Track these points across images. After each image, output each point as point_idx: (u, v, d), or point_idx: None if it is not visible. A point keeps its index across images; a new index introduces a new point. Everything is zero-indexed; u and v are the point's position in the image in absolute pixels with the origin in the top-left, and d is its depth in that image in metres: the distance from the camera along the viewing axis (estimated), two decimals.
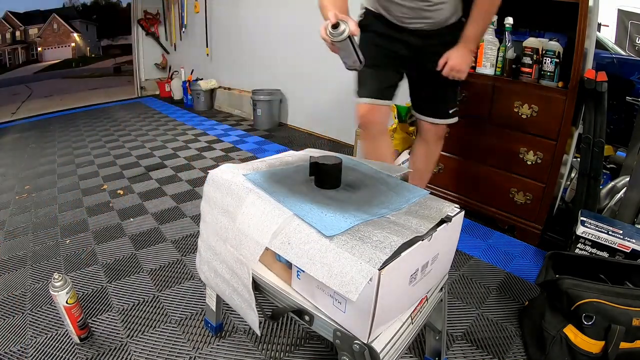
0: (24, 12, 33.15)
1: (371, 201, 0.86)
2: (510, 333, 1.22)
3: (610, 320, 0.98)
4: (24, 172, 2.86)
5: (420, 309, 0.85)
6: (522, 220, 1.77)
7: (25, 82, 15.14)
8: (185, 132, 3.77)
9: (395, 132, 2.50)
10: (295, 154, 1.15)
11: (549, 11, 1.66)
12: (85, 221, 2.00)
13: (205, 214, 1.00)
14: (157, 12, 5.59)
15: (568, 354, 1.03)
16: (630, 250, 1.29)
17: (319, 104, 3.43)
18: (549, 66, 1.58)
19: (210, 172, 0.99)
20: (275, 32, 3.70)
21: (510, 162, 1.74)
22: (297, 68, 3.56)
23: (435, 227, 0.78)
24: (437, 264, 0.83)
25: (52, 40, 33.35)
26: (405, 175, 1.05)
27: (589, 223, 1.39)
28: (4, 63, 29.36)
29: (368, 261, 0.65)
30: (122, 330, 1.24)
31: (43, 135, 3.95)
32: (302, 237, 0.74)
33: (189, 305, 1.36)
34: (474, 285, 1.46)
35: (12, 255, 1.72)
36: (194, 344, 1.19)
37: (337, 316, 0.74)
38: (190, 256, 1.65)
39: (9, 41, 31.36)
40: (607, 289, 1.01)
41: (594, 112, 1.54)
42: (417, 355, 1.15)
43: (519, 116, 1.66)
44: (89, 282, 1.49)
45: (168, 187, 2.41)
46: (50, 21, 33.39)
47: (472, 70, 1.82)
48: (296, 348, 1.17)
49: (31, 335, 1.23)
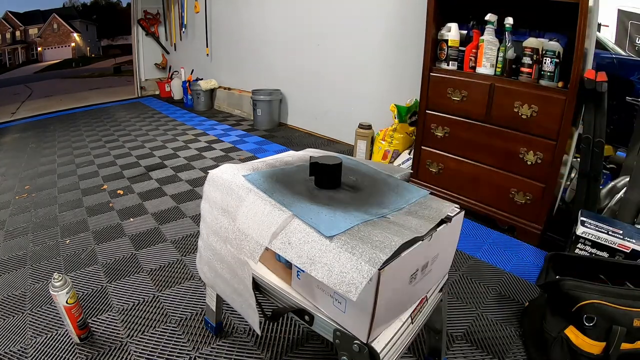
0: (24, 12, 33.16)
1: (371, 201, 0.85)
2: (510, 333, 1.22)
3: (611, 321, 0.98)
4: (24, 172, 2.86)
5: (420, 309, 0.85)
6: (522, 220, 1.77)
7: (25, 82, 15.13)
8: (185, 132, 3.77)
9: (395, 132, 2.50)
10: (295, 154, 1.15)
11: (549, 11, 1.65)
12: (85, 221, 2.00)
13: (206, 214, 1.00)
14: (157, 12, 5.59)
15: (569, 355, 1.03)
16: (630, 251, 1.29)
17: (319, 104, 3.44)
18: (549, 66, 1.58)
19: (210, 172, 0.99)
20: (275, 32, 3.70)
21: (510, 162, 1.74)
22: (297, 68, 3.56)
23: (435, 228, 0.78)
24: (437, 264, 0.83)
25: (52, 40, 33.34)
26: (405, 176, 1.05)
27: (589, 223, 1.39)
28: (4, 63, 29.36)
29: (368, 261, 0.65)
30: (122, 330, 1.24)
31: (43, 135, 3.95)
32: (302, 237, 0.74)
33: (189, 305, 1.36)
34: (474, 285, 1.46)
35: (12, 255, 1.71)
36: (194, 344, 1.18)
37: (337, 316, 0.74)
38: (190, 256, 1.65)
39: (9, 41, 31.36)
40: (608, 290, 1.01)
41: (594, 112, 1.54)
42: (417, 355, 1.15)
43: (519, 116, 1.66)
44: (89, 282, 1.49)
45: (168, 187, 2.41)
46: (50, 21, 33.38)
47: (472, 70, 1.82)
48: (296, 348, 1.17)
49: (31, 335, 1.23)
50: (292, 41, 3.54)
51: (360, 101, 3.03)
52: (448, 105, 1.91)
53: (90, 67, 23.88)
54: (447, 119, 1.94)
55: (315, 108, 3.50)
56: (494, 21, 1.71)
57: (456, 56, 1.90)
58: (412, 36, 2.39)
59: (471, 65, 1.83)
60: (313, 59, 3.36)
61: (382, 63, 2.79)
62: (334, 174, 0.91)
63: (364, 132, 2.65)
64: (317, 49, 3.28)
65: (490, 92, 1.74)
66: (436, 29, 1.92)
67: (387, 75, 2.79)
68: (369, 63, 2.87)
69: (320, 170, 0.90)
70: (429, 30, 1.92)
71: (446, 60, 1.91)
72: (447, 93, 1.89)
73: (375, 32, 2.77)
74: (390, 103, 2.56)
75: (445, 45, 1.89)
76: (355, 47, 2.95)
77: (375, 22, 2.75)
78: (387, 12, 2.66)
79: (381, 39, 2.74)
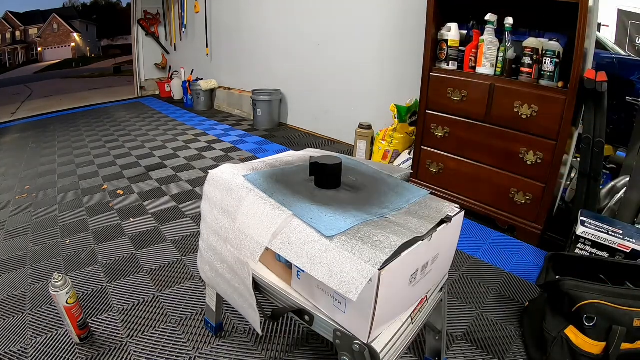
0: (24, 12, 33.14)
1: (371, 201, 0.86)
2: (510, 333, 1.22)
3: (611, 321, 0.98)
4: (24, 172, 2.86)
5: (420, 309, 0.85)
6: (522, 220, 1.77)
7: (25, 82, 15.12)
8: (185, 132, 3.77)
9: (395, 132, 2.50)
10: (295, 154, 1.15)
11: (549, 11, 1.65)
12: (85, 221, 2.00)
13: (206, 214, 1.00)
14: (157, 12, 5.59)
15: (569, 355, 1.03)
16: (630, 251, 1.29)
17: (319, 104, 3.44)
18: (549, 66, 1.58)
19: (210, 172, 0.99)
20: (275, 32, 3.70)
21: (510, 162, 1.74)
22: (297, 68, 3.56)
23: (435, 228, 0.78)
24: (437, 264, 0.83)
25: (52, 40, 33.33)
26: (405, 176, 1.05)
27: (589, 223, 1.39)
28: (4, 63, 29.35)
29: (368, 261, 0.65)
30: (122, 330, 1.24)
31: (43, 135, 3.95)
32: (302, 237, 0.74)
33: (189, 305, 1.36)
34: (474, 285, 1.46)
35: (12, 255, 1.71)
36: (194, 344, 1.18)
37: (337, 316, 0.74)
38: (190, 256, 1.65)
39: (9, 41, 31.36)
40: (608, 290, 1.01)
41: (594, 112, 1.54)
42: (417, 355, 1.15)
43: (519, 116, 1.66)
44: (89, 282, 1.49)
45: (168, 187, 2.41)
46: (50, 21, 33.37)
47: (472, 70, 1.82)
48: (296, 348, 1.17)
49: (31, 335, 1.23)
50: (292, 41, 3.53)
51: (360, 101, 3.03)
52: (448, 105, 1.91)
53: (90, 67, 23.86)
54: (447, 119, 1.94)
55: (315, 108, 3.50)
56: (494, 21, 1.71)
57: (456, 56, 1.90)
58: (412, 36, 2.39)
59: (471, 65, 1.83)
60: (313, 59, 3.36)
61: (382, 63, 2.79)
62: (334, 174, 0.91)
63: (364, 132, 2.65)
64: (317, 49, 3.28)
65: (490, 92, 1.74)
66: (436, 29, 1.93)
67: (387, 75, 2.79)
68: (369, 63, 2.87)
69: (321, 170, 0.90)
70: (429, 30, 1.92)
71: (446, 60, 1.91)
72: (447, 93, 1.89)
73: (375, 32, 2.77)
74: (390, 103, 2.56)
75: (445, 45, 1.89)
76: (355, 47, 2.95)
77: (376, 22, 2.75)
78: (387, 12, 2.66)
79: (381, 39, 2.74)
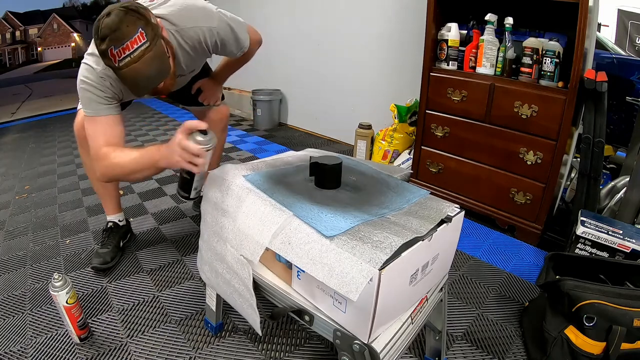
0: (24, 12, 33.16)
1: (371, 201, 0.86)
2: (510, 333, 1.22)
3: (611, 321, 0.98)
4: (24, 172, 2.86)
5: (420, 309, 0.85)
6: (522, 220, 1.77)
7: (25, 82, 15.13)
8: None
9: (395, 132, 2.50)
10: (295, 154, 1.16)
11: (549, 11, 1.66)
12: (85, 221, 2.00)
13: (206, 214, 1.00)
14: None
15: (569, 355, 1.03)
16: (630, 251, 1.29)
17: (319, 104, 3.43)
18: (549, 66, 1.58)
19: (210, 172, 0.99)
20: (276, 32, 3.70)
21: (510, 162, 1.74)
22: (297, 68, 3.56)
23: (435, 228, 0.78)
24: (437, 264, 0.83)
25: (52, 40, 33.36)
26: (405, 176, 1.05)
27: (589, 223, 1.39)
28: (4, 63, 29.36)
29: (368, 261, 0.65)
30: (122, 330, 1.24)
31: (43, 135, 3.95)
32: (302, 238, 0.74)
33: (189, 305, 1.36)
34: (474, 285, 1.46)
35: (12, 255, 1.71)
36: (194, 344, 1.18)
37: (337, 316, 0.74)
38: (190, 256, 1.65)
39: (9, 41, 31.37)
40: (608, 290, 1.01)
41: (594, 112, 1.54)
42: (417, 355, 1.15)
43: (519, 116, 1.66)
44: (89, 282, 1.49)
45: (168, 187, 2.41)
46: (50, 21, 33.39)
47: (472, 70, 1.82)
48: (296, 348, 1.17)
49: (31, 335, 1.23)
50: (292, 41, 3.53)
51: (360, 101, 3.03)
52: (448, 105, 1.91)
53: None
54: (447, 118, 1.94)
55: (315, 108, 3.50)
56: (494, 21, 1.71)
57: (456, 56, 1.90)
58: (412, 36, 2.39)
59: (471, 65, 1.83)
60: (313, 59, 3.36)
61: (382, 63, 2.79)
62: (334, 174, 0.91)
63: (364, 132, 2.65)
64: (317, 48, 3.28)
65: (490, 92, 1.74)
66: (436, 29, 1.93)
67: (387, 75, 2.79)
68: (369, 63, 2.87)
69: (321, 170, 0.90)
70: (428, 30, 1.92)
71: (446, 60, 1.91)
72: (447, 93, 1.89)
73: (375, 32, 2.77)
74: (390, 103, 2.56)
75: (445, 45, 1.89)
76: (355, 47, 2.95)
77: (375, 22, 2.75)
78: (387, 12, 2.66)
79: (381, 39, 2.74)
